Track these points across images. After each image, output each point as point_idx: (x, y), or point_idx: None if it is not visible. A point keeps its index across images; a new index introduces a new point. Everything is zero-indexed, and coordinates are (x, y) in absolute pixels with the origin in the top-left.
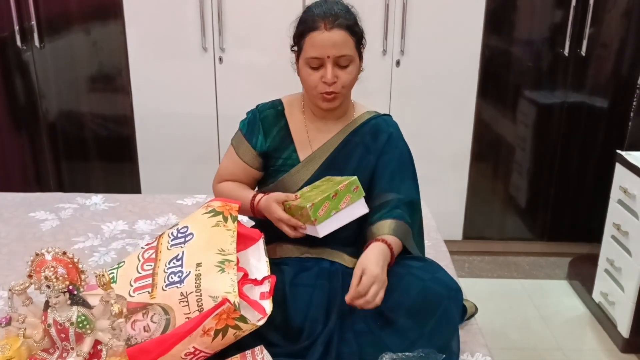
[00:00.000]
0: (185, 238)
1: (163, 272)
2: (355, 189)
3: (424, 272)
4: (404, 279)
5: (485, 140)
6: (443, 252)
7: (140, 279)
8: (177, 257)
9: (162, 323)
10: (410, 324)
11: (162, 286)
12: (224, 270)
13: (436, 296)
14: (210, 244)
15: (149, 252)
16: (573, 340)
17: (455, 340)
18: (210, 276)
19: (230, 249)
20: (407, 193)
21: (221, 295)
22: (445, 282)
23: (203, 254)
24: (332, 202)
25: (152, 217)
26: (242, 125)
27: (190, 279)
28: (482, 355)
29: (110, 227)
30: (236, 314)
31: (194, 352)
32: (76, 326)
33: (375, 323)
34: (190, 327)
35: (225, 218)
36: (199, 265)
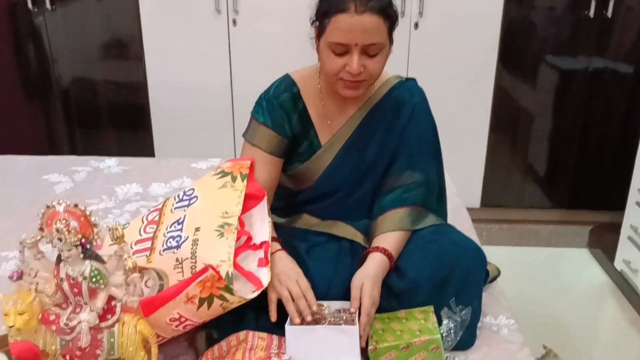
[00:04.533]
0: (189, 201)
1: (163, 236)
2: (435, 349)
3: (438, 236)
4: (420, 247)
5: (505, 107)
6: (465, 216)
7: (140, 241)
8: (178, 221)
9: (156, 289)
10: (432, 293)
11: (160, 250)
12: (223, 235)
13: (454, 257)
14: (214, 207)
15: (153, 214)
16: (594, 308)
17: (478, 302)
18: (207, 242)
19: (234, 211)
20: (425, 172)
21: (215, 263)
22: (462, 243)
23: (204, 217)
24: (401, 354)
25: (167, 180)
26: (259, 114)
27: (187, 244)
28: (506, 318)
29: (124, 190)
30: (221, 283)
31: (179, 318)
32: (89, 281)
33: (398, 301)
34: (173, 292)
35: (234, 178)
36: (197, 230)
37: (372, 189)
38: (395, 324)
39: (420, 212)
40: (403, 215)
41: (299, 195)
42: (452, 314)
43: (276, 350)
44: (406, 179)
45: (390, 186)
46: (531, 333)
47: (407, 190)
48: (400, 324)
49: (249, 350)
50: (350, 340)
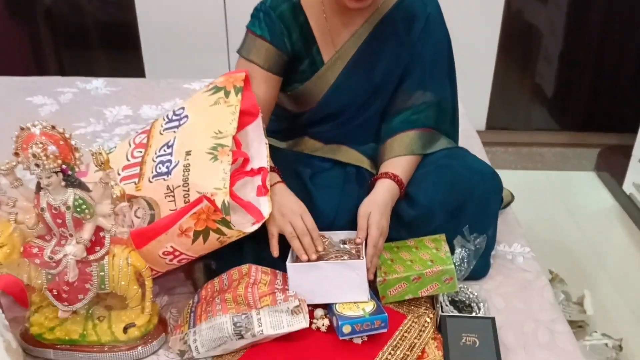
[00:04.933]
0: (179, 121)
1: (152, 161)
2: (448, 280)
3: (452, 160)
4: (431, 173)
5: (514, 25)
6: (474, 139)
7: (128, 167)
8: (168, 144)
9: (147, 219)
10: (445, 222)
11: (149, 177)
12: (217, 158)
13: (469, 183)
14: (206, 127)
15: (141, 136)
16: (601, 233)
17: (493, 230)
18: (200, 167)
19: (228, 130)
20: (438, 92)
21: (210, 191)
22: (477, 168)
23: (196, 139)
24: (411, 286)
25: (158, 102)
26: (255, 27)
27: (178, 170)
28: (521, 246)
29: (114, 113)
30: (217, 216)
31: (173, 252)
32: (73, 211)
33: (408, 230)
34: (165, 223)
35: (227, 93)
36: (188, 154)
37: (379, 110)
38: (404, 254)
39: (431, 134)
40: (413, 138)
41: (301, 118)
42: (466, 243)
43: (280, 286)
44: (417, 100)
45: (400, 107)
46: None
47: (417, 111)
48: (410, 253)
49: (251, 285)
50: (358, 275)
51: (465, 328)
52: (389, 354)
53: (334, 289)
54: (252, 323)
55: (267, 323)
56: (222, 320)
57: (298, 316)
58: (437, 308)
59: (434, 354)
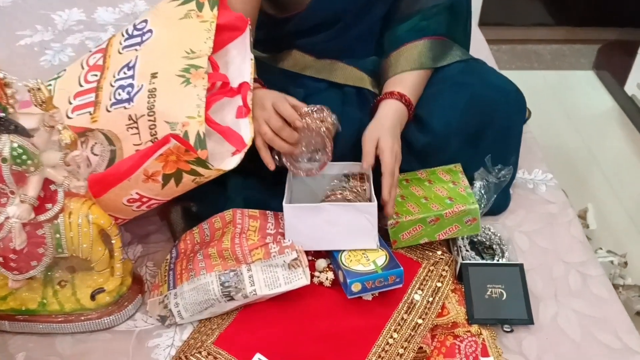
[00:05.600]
0: (142, 37)
1: (110, 86)
2: (471, 221)
3: (469, 76)
4: (445, 92)
5: None
6: (479, 40)
7: (81, 94)
8: (128, 65)
9: (106, 156)
10: (462, 149)
11: (107, 105)
12: (189, 82)
13: (491, 104)
14: (175, 44)
15: (95, 56)
16: (600, 136)
17: (515, 157)
18: (169, 92)
19: (202, 49)
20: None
21: (181, 120)
22: (499, 85)
23: (163, 59)
24: (428, 229)
25: (115, 4)
26: None
27: (141, 96)
28: (542, 172)
29: (64, 17)
30: (190, 156)
31: (140, 199)
32: (12, 162)
33: (419, 160)
34: (126, 168)
35: (199, 5)
36: (154, 77)
37: (381, 16)
38: (416, 189)
39: (444, 43)
40: (423, 49)
41: (286, 25)
42: (488, 175)
43: (273, 230)
44: (426, 2)
45: (406, 12)
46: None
47: (427, 16)
48: (423, 188)
49: (239, 235)
50: (368, 220)
51: (490, 278)
52: (405, 312)
53: (339, 235)
54: (242, 282)
55: (261, 281)
56: (207, 280)
57: (297, 270)
58: (454, 253)
59: (455, 309)
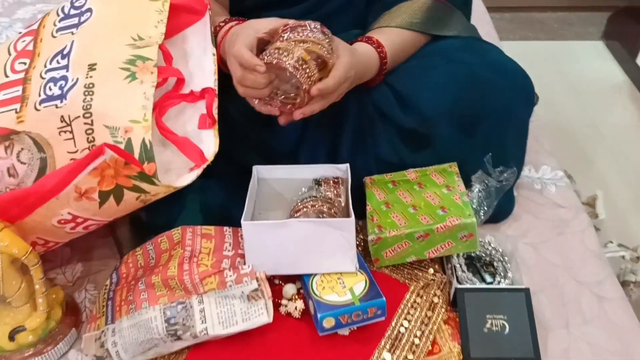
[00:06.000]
0: (79, 18)
1: (40, 78)
2: (467, 237)
3: (468, 54)
4: (439, 69)
5: None
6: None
7: (6, 86)
8: (63, 52)
9: (35, 165)
10: (456, 135)
11: (36, 102)
12: (135, 76)
13: (492, 87)
14: (119, 28)
15: (25, 39)
16: (610, 113)
17: (521, 153)
18: (109, 88)
19: (152, 36)
20: None
21: (123, 125)
22: (503, 66)
23: (104, 46)
24: (416, 245)
25: None
26: None
27: (76, 92)
28: (551, 169)
29: None
30: (131, 170)
31: (74, 219)
32: None
33: (405, 144)
34: (53, 185)
35: None
36: (92, 69)
37: None
38: (404, 194)
39: (445, 8)
40: (418, 10)
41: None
42: (487, 177)
43: (230, 251)
44: None
45: None
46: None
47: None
48: (412, 193)
49: (188, 260)
50: (345, 237)
51: (490, 306)
52: (387, 350)
53: (310, 257)
54: (192, 317)
55: (214, 316)
56: (149, 315)
57: (257, 304)
58: (448, 272)
59: (448, 346)
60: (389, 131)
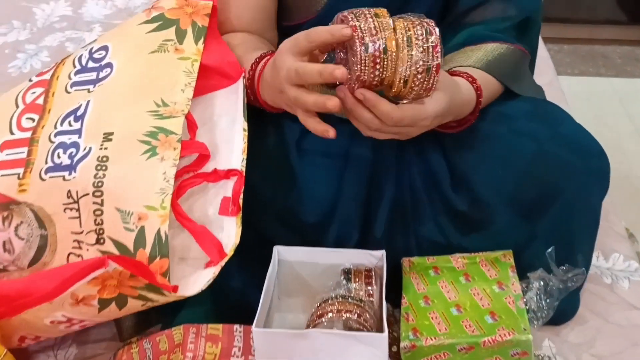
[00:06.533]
0: (98, 72)
1: (48, 141)
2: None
3: (538, 124)
4: (501, 141)
5: None
6: None
7: (10, 145)
8: (76, 113)
9: (34, 242)
10: (515, 221)
11: (42, 170)
12: (155, 152)
13: (563, 167)
14: (142, 90)
15: (36, 91)
16: None
17: (590, 245)
18: (125, 164)
19: (178, 102)
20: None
21: (137, 210)
22: (578, 143)
23: (123, 111)
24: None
25: None
26: None
27: (87, 164)
28: (624, 258)
29: (47, 12)
30: (137, 282)
31: (69, 320)
32: None
33: (454, 224)
34: (46, 292)
35: (180, 33)
36: (107, 138)
37: None
38: (447, 286)
39: (524, 57)
40: (501, 53)
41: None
42: (550, 276)
43: (240, 357)
44: (491, 12)
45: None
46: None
47: (495, 28)
48: (457, 286)
49: None
50: (375, 355)
51: None
52: None
53: None
54: None
55: None
56: None
57: None
58: None
59: None
60: (434, 207)
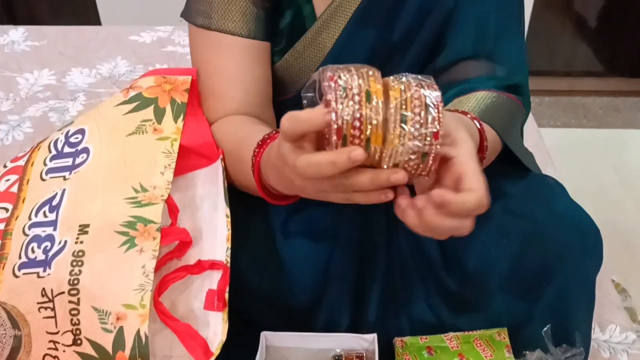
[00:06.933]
0: (74, 158)
1: (22, 234)
2: None
3: (533, 204)
4: (495, 221)
5: None
6: None
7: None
8: (52, 203)
9: (7, 343)
10: (510, 301)
11: (15, 266)
12: (133, 243)
13: (559, 247)
14: (119, 176)
15: (9, 178)
16: None
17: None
18: (102, 258)
19: (158, 186)
20: (511, 63)
21: (114, 309)
22: (573, 222)
23: (99, 200)
24: None
25: (92, 63)
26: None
27: (62, 260)
28: (620, 329)
29: (31, 81)
30: None
31: None
32: None
33: (447, 304)
34: None
35: (159, 112)
36: (83, 230)
37: None
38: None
39: (518, 108)
40: (494, 101)
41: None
42: (547, 355)
43: None
44: (479, 70)
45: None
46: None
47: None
48: None
49: None
50: None
51: None
52: None
53: None
54: None
55: None
56: None
57: None
58: None
59: None
60: (426, 288)
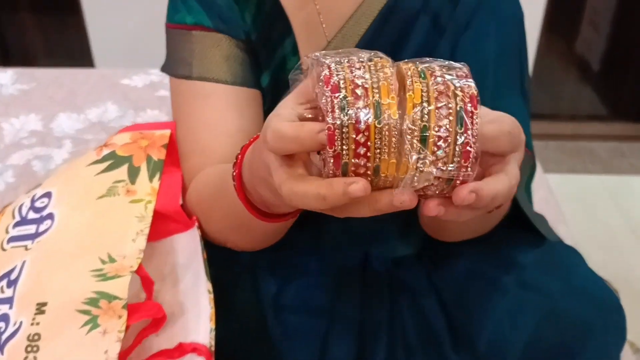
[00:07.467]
0: (38, 225)
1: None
2: None
3: (549, 276)
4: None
5: None
6: None
7: None
8: (10, 277)
9: None
10: None
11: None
12: (97, 323)
13: (580, 325)
14: (85, 242)
15: None
16: None
17: None
18: (59, 342)
19: (127, 256)
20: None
21: None
22: (595, 296)
23: (60, 274)
24: None
25: (81, 108)
26: (182, 13)
27: (17, 344)
28: None
29: (16, 126)
30: None
31: None
32: None
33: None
34: None
35: (133, 171)
36: (40, 310)
37: None
38: None
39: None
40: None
41: None
42: None
43: None
44: None
45: None
46: None
47: None
48: None
49: None
50: None
51: None
52: None
53: None
54: None
55: None
56: None
57: None
58: None
59: None
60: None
